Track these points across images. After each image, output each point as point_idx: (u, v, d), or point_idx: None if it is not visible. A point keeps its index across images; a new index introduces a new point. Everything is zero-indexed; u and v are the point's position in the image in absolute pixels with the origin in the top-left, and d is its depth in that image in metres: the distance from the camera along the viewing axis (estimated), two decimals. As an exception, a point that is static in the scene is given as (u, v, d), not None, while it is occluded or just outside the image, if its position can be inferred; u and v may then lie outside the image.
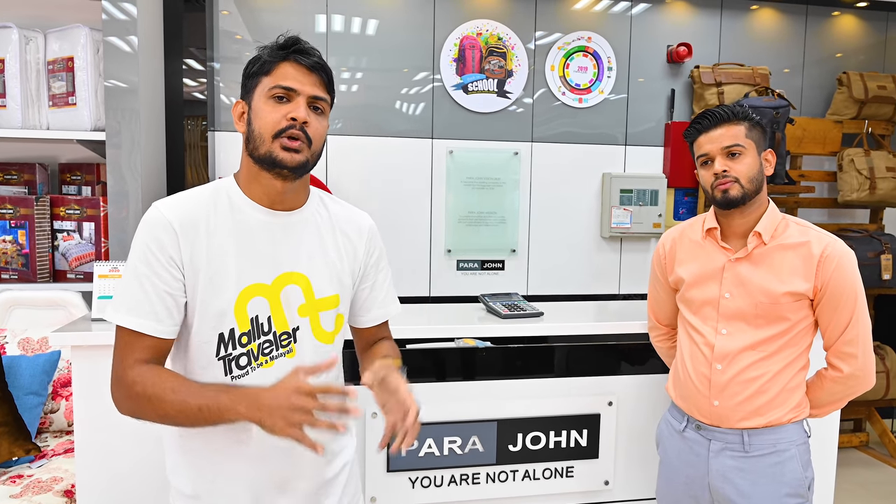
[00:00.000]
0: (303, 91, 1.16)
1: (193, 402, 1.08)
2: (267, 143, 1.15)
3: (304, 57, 1.17)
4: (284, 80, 1.16)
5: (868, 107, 3.50)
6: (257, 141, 1.16)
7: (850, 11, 3.65)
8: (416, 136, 3.24)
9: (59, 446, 2.18)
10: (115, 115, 2.48)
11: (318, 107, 1.19)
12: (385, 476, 1.95)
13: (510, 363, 2.07)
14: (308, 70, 1.17)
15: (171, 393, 1.10)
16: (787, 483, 1.63)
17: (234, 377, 1.19)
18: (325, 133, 1.21)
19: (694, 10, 3.46)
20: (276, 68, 1.17)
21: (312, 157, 1.18)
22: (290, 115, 1.14)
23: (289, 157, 1.14)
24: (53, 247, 2.63)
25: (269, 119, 1.15)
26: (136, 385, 1.12)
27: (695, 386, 1.70)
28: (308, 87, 1.17)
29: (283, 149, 1.14)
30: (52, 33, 2.54)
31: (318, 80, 1.18)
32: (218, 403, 1.07)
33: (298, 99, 1.16)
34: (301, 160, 1.15)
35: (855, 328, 1.62)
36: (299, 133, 1.14)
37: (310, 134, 1.16)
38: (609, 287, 3.51)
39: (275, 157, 1.14)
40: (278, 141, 1.14)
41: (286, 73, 1.16)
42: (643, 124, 3.47)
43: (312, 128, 1.16)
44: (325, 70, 1.19)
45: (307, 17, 3.11)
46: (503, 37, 3.27)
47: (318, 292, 1.24)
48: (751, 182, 1.63)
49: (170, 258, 1.14)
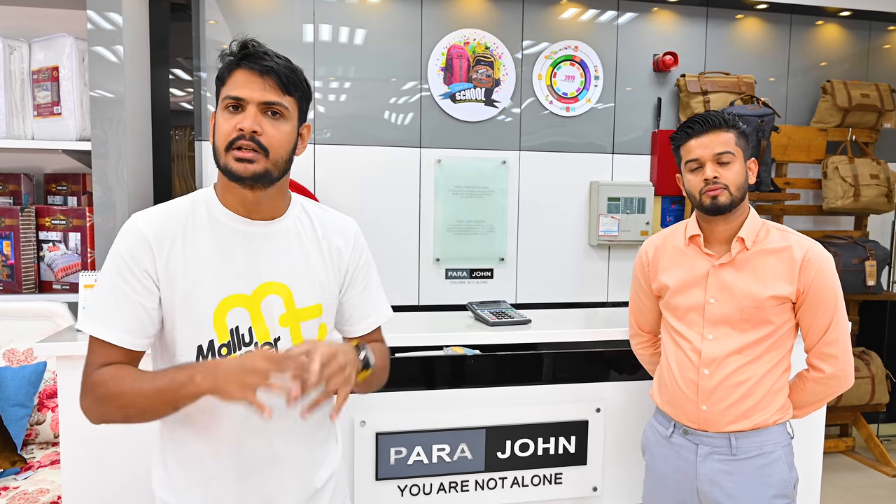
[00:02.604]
0: (251, 99, 1.13)
1: (151, 385, 1.08)
2: (222, 155, 1.14)
3: (254, 62, 1.14)
4: (234, 89, 1.14)
5: (852, 115, 3.54)
6: (216, 154, 1.16)
7: (834, 21, 3.71)
8: (404, 145, 3.25)
9: (46, 458, 2.16)
10: (101, 125, 2.47)
11: (276, 111, 1.15)
12: (373, 484, 1.95)
13: (498, 371, 2.08)
14: (259, 75, 1.13)
15: (130, 384, 1.09)
16: (774, 484, 1.65)
17: None
18: (287, 138, 1.17)
19: (680, 19, 3.50)
20: (230, 77, 1.15)
21: (274, 165, 1.15)
22: (238, 126, 1.12)
23: (241, 167, 1.12)
24: (39, 257, 2.62)
25: (222, 131, 1.14)
26: (98, 387, 1.12)
27: (682, 391, 1.71)
28: (258, 93, 1.13)
29: (235, 160, 1.13)
30: (36, 43, 2.53)
31: (270, 83, 1.14)
32: (175, 379, 1.06)
33: (248, 108, 1.13)
34: (255, 170, 1.13)
35: (835, 330, 1.64)
36: (249, 143, 1.12)
37: (264, 143, 1.13)
38: (597, 295, 3.53)
39: (229, 168, 1.13)
40: (231, 153, 1.13)
41: (237, 81, 1.14)
42: (630, 133, 3.49)
43: (267, 135, 1.13)
44: (279, 72, 1.14)
45: (294, 27, 3.12)
46: (490, 46, 3.29)
47: (300, 302, 1.23)
48: (738, 190, 1.65)
49: (144, 271, 1.14)
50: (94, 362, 1.14)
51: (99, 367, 1.13)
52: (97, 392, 1.12)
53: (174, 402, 1.08)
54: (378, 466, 1.94)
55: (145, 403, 1.08)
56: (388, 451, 1.94)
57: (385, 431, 1.94)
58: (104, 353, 1.14)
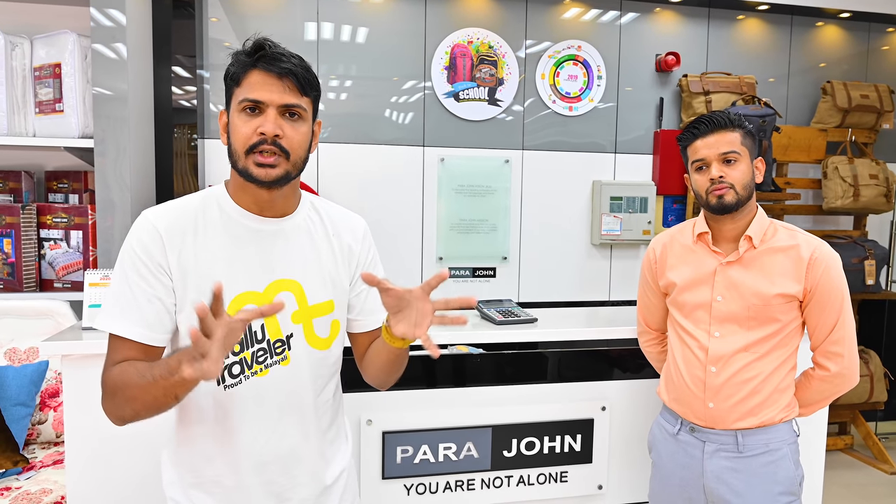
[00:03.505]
0: (272, 101, 1.12)
1: (150, 375, 1.03)
2: (242, 158, 1.13)
3: (272, 64, 1.12)
4: (252, 91, 1.12)
5: (851, 115, 3.56)
6: (234, 156, 1.15)
7: (834, 22, 3.73)
8: (407, 143, 3.25)
9: (48, 458, 2.14)
10: (104, 123, 2.46)
11: (294, 112, 1.15)
12: (380, 483, 1.94)
13: (504, 369, 2.07)
14: (277, 77, 1.12)
15: (133, 375, 1.06)
16: (780, 482, 1.66)
17: (226, 386, 1.17)
18: (305, 139, 1.17)
19: (682, 19, 3.51)
20: (245, 78, 1.13)
21: (293, 167, 1.15)
22: (259, 130, 1.11)
23: (263, 172, 1.12)
24: (40, 255, 2.60)
25: (241, 134, 1.12)
26: (108, 383, 1.10)
27: (689, 389, 1.72)
28: (277, 95, 1.12)
29: (256, 165, 1.12)
30: (38, 39, 2.52)
31: (289, 85, 1.13)
32: (168, 366, 1.01)
33: (268, 111, 1.12)
34: (277, 174, 1.13)
35: (841, 329, 1.65)
36: (271, 148, 1.11)
37: (285, 146, 1.13)
38: (599, 294, 3.53)
39: (250, 173, 1.13)
40: (251, 157, 1.12)
41: (254, 83, 1.12)
42: (632, 132, 3.50)
43: (287, 138, 1.13)
44: (297, 73, 1.13)
45: (297, 25, 3.11)
46: (494, 45, 3.29)
47: (312, 298, 1.22)
48: (745, 189, 1.65)
49: (157, 265, 1.13)
50: (112, 360, 1.13)
51: (115, 364, 1.12)
52: (107, 388, 1.10)
53: (172, 390, 1.02)
54: (384, 465, 1.94)
55: (146, 395, 1.05)
56: (395, 449, 1.93)
57: (392, 430, 1.93)
58: (122, 350, 1.13)
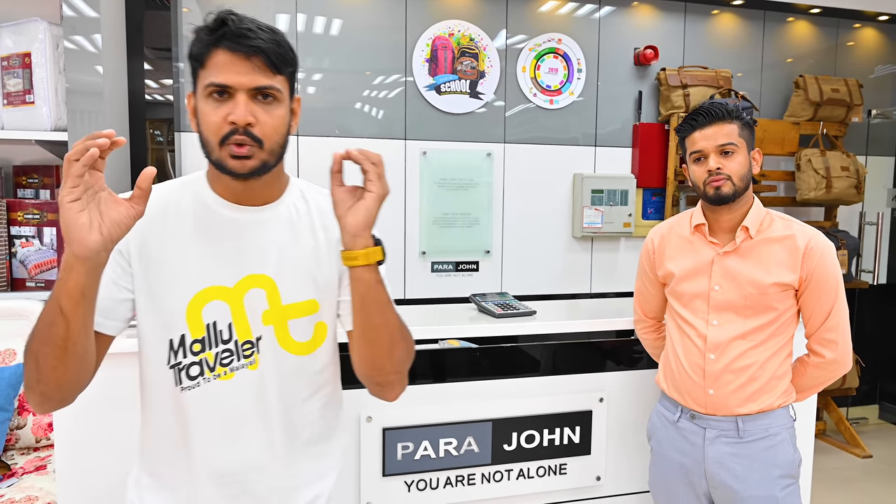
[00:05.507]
0: (240, 85, 0.99)
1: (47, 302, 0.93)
2: (215, 150, 1.02)
3: (237, 42, 0.99)
4: (218, 74, 0.99)
5: (823, 109, 3.66)
6: (207, 147, 1.03)
7: (805, 17, 3.82)
8: (388, 136, 3.21)
9: (29, 464, 2.05)
10: (77, 116, 2.36)
11: (267, 94, 1.02)
12: (380, 480, 1.91)
13: (503, 363, 2.06)
14: (245, 56, 0.99)
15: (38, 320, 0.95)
16: (780, 465, 1.69)
17: (184, 388, 1.08)
18: (281, 122, 1.05)
19: (659, 13, 3.55)
20: (209, 58, 1.00)
21: (271, 154, 1.04)
22: (229, 118, 0.99)
23: (238, 164, 1.01)
24: (11, 254, 2.48)
25: (211, 123, 1.01)
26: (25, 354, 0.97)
27: (689, 376, 1.74)
28: (246, 77, 0.99)
29: (231, 157, 1.01)
30: (5, 27, 2.39)
31: (259, 65, 1.00)
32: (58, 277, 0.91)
33: (238, 96, 1.00)
34: (253, 165, 1.02)
35: (836, 316, 1.69)
36: (243, 138, 1.00)
37: (258, 134, 1.01)
38: (581, 286, 3.56)
39: (224, 165, 1.02)
40: (225, 149, 1.01)
41: (219, 64, 0.99)
42: (612, 125, 3.53)
43: (261, 125, 1.01)
44: (267, 50, 1.00)
45: (270, 17, 3.04)
46: (475, 37, 3.27)
47: (286, 298, 1.11)
48: (742, 180, 1.68)
49: (116, 248, 0.99)
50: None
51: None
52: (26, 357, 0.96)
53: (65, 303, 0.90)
54: (385, 462, 1.91)
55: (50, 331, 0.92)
56: (395, 446, 1.91)
57: (392, 426, 1.91)
58: None
